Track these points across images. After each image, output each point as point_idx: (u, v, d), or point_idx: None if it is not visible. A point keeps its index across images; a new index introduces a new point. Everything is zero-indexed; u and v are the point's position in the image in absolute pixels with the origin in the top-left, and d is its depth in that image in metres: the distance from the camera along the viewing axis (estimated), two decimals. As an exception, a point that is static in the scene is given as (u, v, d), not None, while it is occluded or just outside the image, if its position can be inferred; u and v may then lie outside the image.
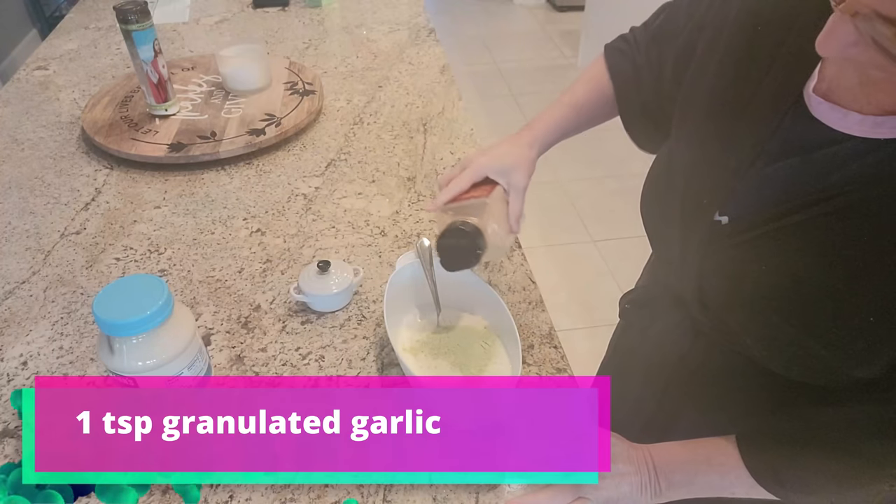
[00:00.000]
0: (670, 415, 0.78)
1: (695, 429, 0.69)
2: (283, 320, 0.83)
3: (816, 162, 0.53)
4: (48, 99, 1.33)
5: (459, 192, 0.74)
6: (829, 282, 0.52)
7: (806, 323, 0.54)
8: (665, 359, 0.75)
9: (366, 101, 1.31)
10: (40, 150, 1.17)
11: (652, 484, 0.62)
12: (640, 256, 0.90)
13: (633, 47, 0.79)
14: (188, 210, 1.02)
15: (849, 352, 0.53)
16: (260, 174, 1.10)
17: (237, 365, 0.77)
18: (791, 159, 0.54)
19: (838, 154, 0.51)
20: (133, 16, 1.09)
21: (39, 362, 0.77)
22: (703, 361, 0.71)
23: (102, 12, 1.73)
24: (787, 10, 0.56)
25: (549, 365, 0.77)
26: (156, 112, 1.21)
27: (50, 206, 1.03)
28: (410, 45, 1.54)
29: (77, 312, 0.84)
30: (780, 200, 0.55)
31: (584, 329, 2.13)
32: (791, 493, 0.60)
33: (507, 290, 0.87)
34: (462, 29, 4.31)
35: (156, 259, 0.92)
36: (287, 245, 0.95)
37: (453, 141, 1.18)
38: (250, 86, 1.28)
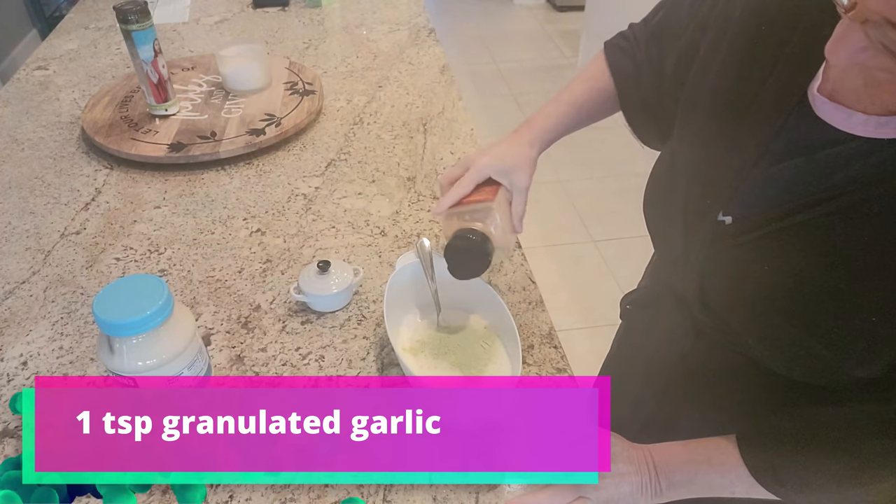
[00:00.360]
0: (670, 415, 0.78)
1: (695, 429, 0.69)
2: (283, 320, 0.83)
3: (820, 162, 0.53)
4: (48, 99, 1.33)
5: (463, 196, 0.74)
6: (832, 282, 0.52)
7: (808, 323, 0.54)
8: (666, 359, 0.75)
9: (366, 101, 1.31)
10: (40, 150, 1.17)
11: (652, 484, 0.62)
12: (640, 256, 0.90)
13: (633, 44, 0.79)
14: (188, 210, 1.02)
15: (850, 351, 0.53)
16: (260, 174, 1.10)
17: (237, 365, 0.77)
18: (795, 159, 0.54)
19: (842, 154, 0.51)
20: (133, 16, 1.09)
21: (39, 362, 0.77)
22: (703, 361, 0.71)
23: (102, 12, 1.73)
24: (791, 10, 0.56)
25: (549, 365, 0.77)
26: (156, 112, 1.21)
27: (50, 206, 1.03)
28: (410, 45, 1.54)
29: (77, 312, 0.84)
30: (784, 200, 0.55)
31: (584, 329, 2.13)
32: (791, 492, 0.60)
33: (507, 290, 0.87)
34: (462, 29, 4.31)
35: (156, 259, 0.92)
36: (287, 245, 0.95)
37: (453, 141, 1.18)
38: (250, 86, 1.28)
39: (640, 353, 0.83)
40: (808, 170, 0.53)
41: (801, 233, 0.54)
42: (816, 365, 0.55)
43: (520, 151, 0.76)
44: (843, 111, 0.51)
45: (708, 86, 0.63)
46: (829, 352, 0.53)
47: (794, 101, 0.55)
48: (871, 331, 0.51)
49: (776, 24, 0.57)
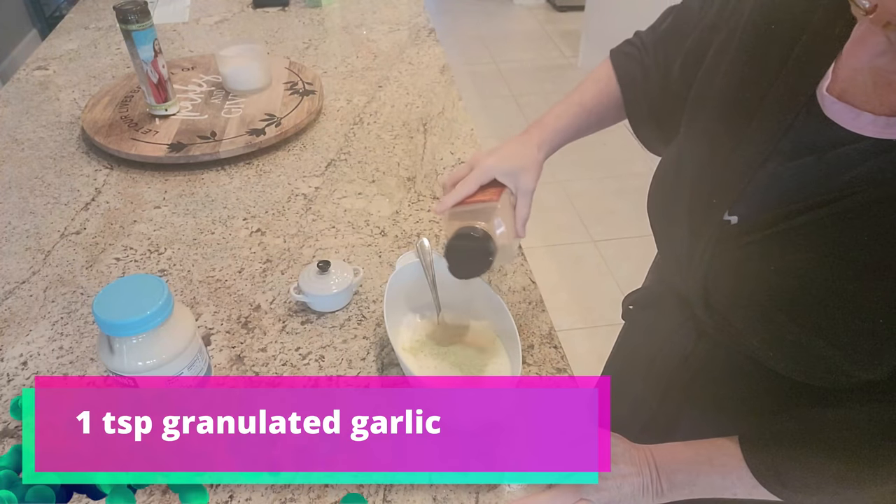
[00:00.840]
0: (671, 415, 0.78)
1: (696, 429, 0.69)
2: (283, 320, 0.83)
3: (828, 162, 0.53)
4: (48, 99, 1.33)
5: (467, 195, 0.74)
6: (838, 282, 0.52)
7: (813, 323, 0.54)
8: (668, 359, 0.75)
9: (366, 101, 1.31)
10: (40, 150, 1.17)
11: (654, 484, 0.62)
12: (640, 256, 0.90)
13: (641, 50, 0.78)
14: (188, 210, 1.02)
15: (856, 352, 0.52)
16: (260, 174, 1.10)
17: (237, 365, 0.77)
18: (802, 159, 0.54)
19: (850, 154, 0.51)
20: (133, 16, 1.09)
21: (39, 362, 0.77)
22: (705, 362, 0.71)
23: (102, 12, 1.73)
24: (800, 10, 0.56)
25: (549, 365, 0.77)
26: (156, 112, 1.21)
27: (50, 206, 1.03)
28: (410, 45, 1.54)
29: (77, 312, 0.84)
30: (790, 200, 0.55)
31: (584, 329, 2.13)
32: (793, 493, 0.60)
33: (508, 290, 0.87)
34: (462, 29, 4.31)
35: (156, 259, 0.92)
36: (287, 245, 0.95)
37: (453, 141, 1.18)
38: (250, 86, 1.28)
39: (642, 353, 0.83)
40: (815, 170, 0.53)
41: (807, 233, 0.53)
42: (820, 366, 0.55)
43: (527, 153, 0.76)
44: (851, 111, 0.51)
45: (716, 85, 0.63)
46: (834, 352, 0.53)
47: (802, 101, 0.54)
48: (878, 332, 0.51)
49: (785, 24, 0.57)
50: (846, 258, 0.52)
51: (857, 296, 0.51)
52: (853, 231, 0.51)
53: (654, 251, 0.82)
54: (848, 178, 0.51)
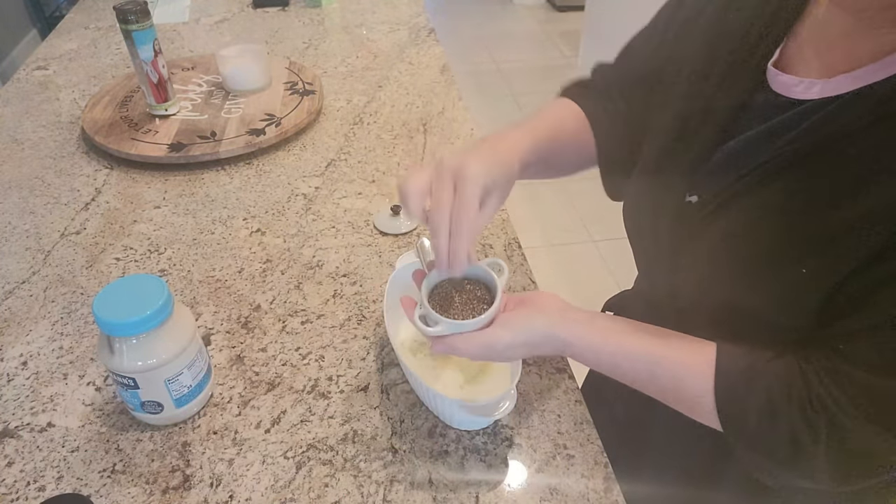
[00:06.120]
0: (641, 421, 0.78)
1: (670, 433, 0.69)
2: (283, 320, 0.83)
3: (772, 129, 0.56)
4: (48, 99, 1.33)
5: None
6: (794, 230, 0.53)
7: (759, 285, 0.55)
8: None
9: (366, 101, 1.31)
10: (40, 150, 1.17)
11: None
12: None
13: (605, 94, 0.78)
14: (188, 210, 1.02)
15: (789, 305, 0.53)
16: (260, 174, 1.10)
17: (237, 365, 0.77)
18: (754, 130, 0.57)
19: (791, 118, 0.54)
20: (133, 16, 1.09)
21: (39, 362, 0.77)
22: None
23: (102, 12, 1.73)
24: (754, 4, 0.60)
25: (549, 365, 0.77)
26: (156, 112, 1.21)
27: (50, 206, 1.03)
28: (410, 45, 1.54)
29: (77, 312, 0.84)
30: (743, 169, 0.57)
31: (584, 329, 2.12)
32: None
33: (508, 290, 0.87)
34: (462, 29, 4.31)
35: (156, 259, 0.92)
36: (287, 245, 0.95)
37: (453, 141, 1.18)
38: (250, 86, 1.28)
39: None
40: (763, 137, 0.56)
41: (758, 194, 0.55)
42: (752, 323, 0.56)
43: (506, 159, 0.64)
44: (795, 80, 0.54)
45: (681, 75, 0.66)
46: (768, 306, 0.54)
47: (755, 81, 0.58)
48: (804, 281, 0.51)
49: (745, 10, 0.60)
50: (792, 206, 0.53)
51: (801, 247, 0.52)
52: (796, 180, 0.53)
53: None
54: (790, 136, 0.53)
